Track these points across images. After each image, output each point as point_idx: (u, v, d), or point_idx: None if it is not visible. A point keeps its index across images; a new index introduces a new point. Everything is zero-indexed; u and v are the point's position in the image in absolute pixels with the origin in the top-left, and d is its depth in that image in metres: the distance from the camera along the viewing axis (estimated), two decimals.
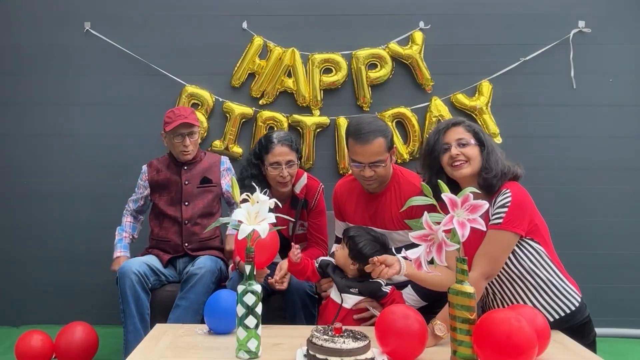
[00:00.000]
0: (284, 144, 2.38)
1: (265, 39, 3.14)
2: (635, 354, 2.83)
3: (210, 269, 2.37)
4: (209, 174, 2.65)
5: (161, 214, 2.62)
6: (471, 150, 1.85)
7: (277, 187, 2.41)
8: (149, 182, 2.65)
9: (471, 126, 1.91)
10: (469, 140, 1.86)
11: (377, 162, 2.08)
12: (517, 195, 1.77)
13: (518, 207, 1.75)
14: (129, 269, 2.32)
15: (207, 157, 2.71)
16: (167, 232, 2.58)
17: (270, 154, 2.37)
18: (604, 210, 3.13)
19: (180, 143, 2.55)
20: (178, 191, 2.61)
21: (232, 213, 1.58)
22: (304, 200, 2.49)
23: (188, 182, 2.61)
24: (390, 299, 2.03)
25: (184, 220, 2.57)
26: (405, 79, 3.16)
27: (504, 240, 1.75)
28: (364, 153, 2.07)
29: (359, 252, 2.05)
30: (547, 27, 3.13)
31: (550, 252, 1.84)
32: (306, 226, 2.54)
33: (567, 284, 1.83)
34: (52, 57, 3.18)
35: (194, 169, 2.64)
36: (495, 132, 3.09)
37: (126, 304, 2.30)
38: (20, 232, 3.19)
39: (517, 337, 1.33)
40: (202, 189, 2.62)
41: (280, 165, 2.36)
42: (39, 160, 3.19)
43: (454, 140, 1.87)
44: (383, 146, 2.08)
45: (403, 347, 1.51)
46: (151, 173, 2.66)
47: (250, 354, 1.54)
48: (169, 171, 2.64)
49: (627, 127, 3.13)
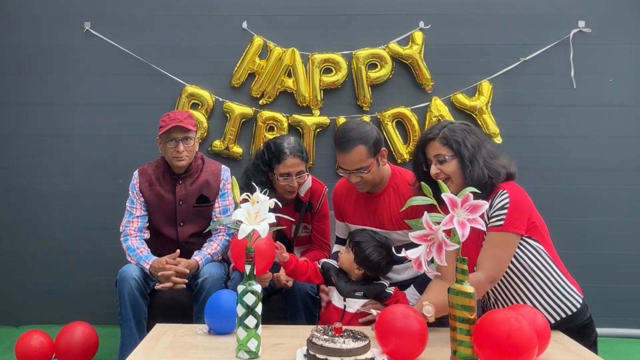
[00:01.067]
0: (296, 155, 2.33)
1: (265, 39, 3.14)
2: (636, 354, 2.83)
3: (217, 277, 2.33)
4: (206, 191, 2.49)
5: (156, 232, 2.50)
6: (449, 166, 1.80)
7: (284, 194, 2.40)
8: (141, 193, 2.48)
9: (446, 138, 1.81)
10: (444, 156, 1.81)
11: (360, 169, 2.10)
12: (515, 196, 1.75)
13: (517, 207, 1.74)
14: (129, 274, 2.29)
15: (206, 166, 2.54)
16: (162, 251, 2.42)
17: (281, 164, 2.33)
18: (604, 210, 3.12)
19: (173, 149, 2.39)
20: (172, 211, 2.46)
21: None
22: (308, 203, 2.48)
23: (182, 202, 2.45)
24: (395, 299, 2.03)
25: (182, 242, 2.47)
26: (405, 79, 3.16)
27: (507, 242, 1.73)
28: (346, 161, 2.11)
29: (366, 259, 2.06)
30: (547, 27, 3.13)
31: (550, 252, 1.83)
32: (309, 229, 2.54)
33: (568, 284, 1.82)
34: (52, 57, 3.17)
35: (191, 185, 2.48)
36: (495, 132, 3.09)
37: (124, 308, 2.28)
38: (20, 232, 3.19)
39: (517, 337, 1.33)
40: (198, 209, 2.48)
41: (291, 176, 2.34)
42: (39, 160, 3.18)
43: (433, 156, 1.84)
44: (364, 153, 2.09)
45: (403, 347, 1.51)
46: (142, 184, 2.49)
47: (250, 354, 1.54)
48: (163, 186, 2.48)
49: (627, 127, 3.13)
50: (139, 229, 2.48)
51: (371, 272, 2.09)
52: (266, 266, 1.95)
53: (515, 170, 1.86)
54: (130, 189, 2.52)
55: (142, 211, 2.50)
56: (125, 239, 2.46)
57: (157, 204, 2.48)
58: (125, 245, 2.44)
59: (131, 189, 2.52)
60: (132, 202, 2.51)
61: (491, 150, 1.84)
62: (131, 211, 2.49)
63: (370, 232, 2.15)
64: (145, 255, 2.38)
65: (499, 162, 1.82)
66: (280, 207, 1.75)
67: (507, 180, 1.82)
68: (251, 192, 1.58)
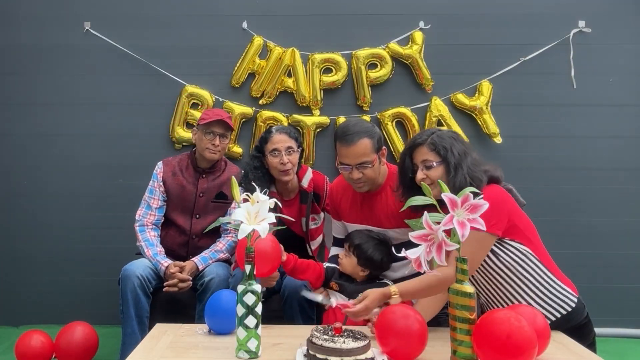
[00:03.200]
0: (282, 132, 2.44)
1: (265, 39, 3.14)
2: (635, 354, 2.83)
3: (223, 277, 2.36)
4: (226, 189, 2.57)
5: (169, 221, 2.56)
6: (435, 172, 1.81)
7: (280, 176, 2.41)
8: (163, 182, 2.55)
9: (434, 144, 1.83)
10: (432, 161, 1.82)
11: (363, 163, 2.09)
12: (491, 198, 1.74)
13: (492, 208, 1.71)
14: (133, 272, 2.31)
15: (228, 168, 2.64)
16: (172, 243, 2.53)
17: (269, 142, 2.42)
18: (604, 210, 3.12)
19: (210, 141, 2.49)
20: (191, 202, 2.54)
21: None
22: (313, 193, 2.49)
23: (203, 194, 2.54)
24: None
25: (193, 234, 2.52)
26: (405, 79, 3.16)
27: (478, 240, 1.69)
28: (350, 154, 2.09)
29: (370, 260, 2.09)
30: (547, 27, 3.13)
31: (538, 253, 1.82)
32: (318, 220, 2.54)
33: (559, 284, 1.82)
34: (52, 57, 3.17)
35: (213, 180, 2.57)
36: (495, 132, 3.09)
37: (126, 306, 2.29)
38: (20, 232, 3.18)
39: (517, 337, 1.33)
40: (216, 204, 2.56)
41: (280, 152, 2.38)
42: (39, 160, 3.18)
43: (420, 161, 1.85)
44: (369, 147, 2.09)
45: (403, 347, 1.51)
46: (166, 173, 2.56)
47: (250, 354, 1.54)
48: (186, 177, 2.56)
49: (627, 127, 3.13)
50: (155, 222, 2.54)
51: (376, 271, 2.12)
52: (272, 269, 1.96)
53: (501, 175, 1.87)
54: (152, 179, 2.58)
55: (159, 202, 2.55)
56: (142, 229, 2.52)
57: (178, 193, 2.54)
58: (142, 237, 2.50)
59: (153, 179, 2.58)
60: (152, 193, 2.56)
61: (476, 159, 1.85)
62: (149, 202, 2.55)
63: (366, 232, 2.17)
64: (163, 257, 2.44)
65: (483, 168, 1.83)
66: (280, 207, 1.75)
67: (490, 184, 1.82)
68: (250, 188, 1.58)
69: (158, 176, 2.57)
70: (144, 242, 2.48)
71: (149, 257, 2.43)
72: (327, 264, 2.23)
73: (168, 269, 2.38)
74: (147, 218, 2.53)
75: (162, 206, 2.56)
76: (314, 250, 2.53)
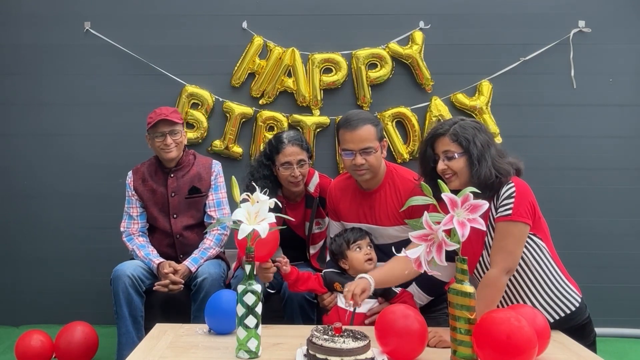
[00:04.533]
0: (295, 143, 2.38)
1: (265, 39, 3.14)
2: (635, 354, 2.83)
3: (216, 277, 2.35)
4: (198, 183, 2.53)
5: (152, 226, 2.56)
6: (457, 163, 1.78)
7: (289, 187, 2.41)
8: (135, 191, 2.54)
9: (456, 135, 1.78)
10: (454, 153, 1.78)
11: (367, 148, 2.10)
12: (521, 187, 1.75)
13: (524, 197, 1.72)
14: (123, 272, 2.31)
15: (197, 161, 2.59)
16: (159, 245, 2.52)
17: (280, 154, 2.37)
18: (604, 210, 3.12)
19: (161, 142, 2.45)
20: (165, 203, 2.51)
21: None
22: (319, 198, 2.48)
23: (174, 193, 2.50)
24: (401, 299, 2.04)
25: (176, 234, 2.51)
26: (405, 79, 3.16)
27: (516, 232, 1.71)
28: (354, 139, 2.10)
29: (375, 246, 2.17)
30: (547, 27, 3.13)
31: (551, 250, 1.83)
32: (323, 225, 2.53)
33: (567, 284, 1.83)
34: (52, 57, 3.17)
35: (182, 177, 2.53)
36: (495, 132, 3.09)
37: (119, 306, 2.29)
38: (20, 232, 3.18)
39: (517, 337, 1.33)
40: (190, 200, 2.52)
41: (292, 165, 2.36)
42: (39, 160, 3.18)
43: (441, 152, 1.81)
44: (373, 133, 2.11)
45: (403, 347, 1.51)
46: (136, 181, 2.55)
47: (250, 354, 1.54)
48: (155, 180, 2.53)
49: (627, 127, 3.13)
50: (141, 229, 2.55)
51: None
52: (268, 254, 1.94)
53: (523, 167, 1.86)
54: (126, 189, 2.58)
55: (138, 210, 2.56)
56: (130, 238, 2.53)
57: (151, 197, 2.53)
58: (132, 244, 2.51)
59: (127, 189, 2.58)
60: (129, 202, 2.57)
61: (500, 150, 1.83)
62: (129, 212, 2.56)
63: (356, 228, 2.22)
64: (155, 256, 2.45)
65: (508, 160, 1.81)
66: (280, 206, 1.75)
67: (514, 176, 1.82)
68: (253, 191, 1.58)
69: (130, 186, 2.56)
70: (134, 247, 2.49)
71: (142, 257, 2.44)
72: (325, 270, 2.23)
73: (162, 267, 2.37)
74: (131, 227, 2.55)
75: (143, 213, 2.56)
76: (312, 254, 2.51)
